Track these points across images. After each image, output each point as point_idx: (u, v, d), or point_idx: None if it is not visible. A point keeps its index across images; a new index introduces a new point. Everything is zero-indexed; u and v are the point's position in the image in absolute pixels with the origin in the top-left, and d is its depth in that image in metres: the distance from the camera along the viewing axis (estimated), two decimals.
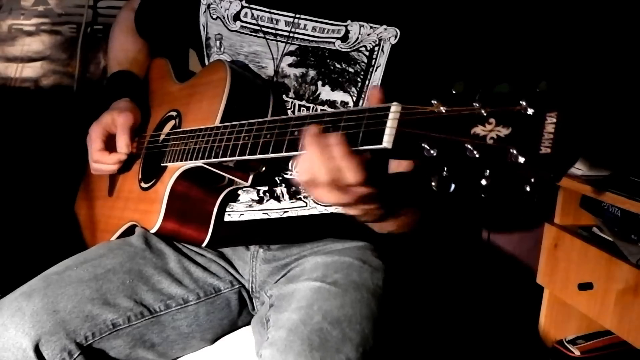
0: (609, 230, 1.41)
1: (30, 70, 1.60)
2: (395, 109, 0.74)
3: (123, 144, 1.19)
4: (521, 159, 0.62)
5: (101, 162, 1.21)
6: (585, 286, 1.35)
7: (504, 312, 1.68)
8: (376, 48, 1.07)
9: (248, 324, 1.17)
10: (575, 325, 1.56)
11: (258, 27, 1.13)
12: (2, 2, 1.55)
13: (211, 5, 1.19)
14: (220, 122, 1.02)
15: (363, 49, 1.07)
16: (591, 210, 1.44)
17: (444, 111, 0.69)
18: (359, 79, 1.08)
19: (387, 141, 0.74)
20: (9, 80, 1.59)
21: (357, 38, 1.07)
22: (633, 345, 1.27)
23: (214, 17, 1.19)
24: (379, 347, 0.96)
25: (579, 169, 1.31)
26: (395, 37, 1.06)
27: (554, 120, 0.62)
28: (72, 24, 1.61)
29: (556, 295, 1.51)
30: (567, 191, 1.48)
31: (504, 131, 0.64)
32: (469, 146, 0.66)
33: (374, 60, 1.07)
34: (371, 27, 1.07)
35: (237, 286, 1.16)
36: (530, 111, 0.63)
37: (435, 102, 0.70)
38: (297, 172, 0.87)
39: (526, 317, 1.60)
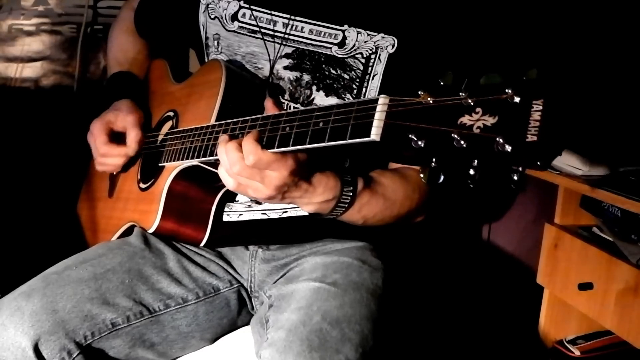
0: (609, 230, 1.40)
1: (30, 70, 1.60)
2: (383, 101, 0.75)
3: (134, 139, 1.18)
4: (508, 148, 0.62)
5: (108, 156, 1.20)
6: (585, 286, 1.35)
7: (504, 312, 1.68)
8: (373, 56, 1.07)
9: (247, 323, 1.17)
10: (575, 325, 1.56)
11: (255, 28, 1.13)
12: (2, 2, 1.55)
13: (210, 5, 1.19)
14: (216, 121, 1.02)
15: (359, 55, 1.07)
16: (591, 210, 1.44)
17: (431, 102, 0.69)
18: (354, 86, 1.08)
19: (375, 133, 0.74)
20: (9, 80, 1.59)
21: (354, 45, 1.07)
22: (633, 345, 1.27)
23: (212, 16, 1.19)
24: (379, 347, 0.96)
25: (578, 168, 1.31)
26: (393, 46, 1.06)
27: (540, 108, 0.61)
28: (72, 24, 1.61)
29: (556, 295, 1.51)
30: (567, 191, 1.48)
31: (490, 120, 0.64)
32: (456, 136, 0.66)
33: (370, 68, 1.07)
34: (368, 35, 1.07)
35: (236, 286, 1.16)
36: (516, 99, 0.63)
37: (423, 93, 0.70)
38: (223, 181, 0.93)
39: (526, 317, 1.60)
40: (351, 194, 0.97)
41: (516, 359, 1.61)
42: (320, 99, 1.11)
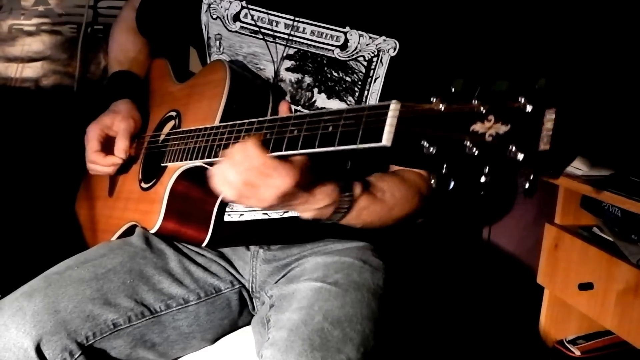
0: (609, 230, 1.41)
1: (30, 71, 1.60)
2: (394, 106, 0.75)
3: (121, 149, 1.19)
4: (520, 156, 0.62)
5: (97, 164, 1.21)
6: (585, 286, 1.36)
7: (504, 312, 1.68)
8: (375, 59, 1.07)
9: (248, 324, 1.17)
10: (575, 325, 1.56)
11: (257, 29, 1.13)
12: (3, 2, 1.55)
13: (211, 5, 1.19)
14: (220, 122, 1.02)
15: (361, 58, 1.07)
16: (591, 210, 1.44)
17: (443, 109, 0.69)
18: (356, 89, 1.08)
19: (386, 139, 0.74)
20: (10, 80, 1.59)
21: (356, 47, 1.07)
22: (633, 345, 1.27)
23: (214, 17, 1.19)
24: (380, 346, 0.96)
25: (579, 169, 1.31)
26: (395, 49, 1.06)
27: (553, 116, 0.62)
28: (73, 24, 1.61)
29: (556, 295, 1.51)
30: (567, 191, 1.48)
31: (503, 128, 0.64)
32: (468, 143, 0.66)
33: (372, 71, 1.07)
34: (370, 37, 1.07)
35: (238, 286, 1.16)
36: (529, 108, 0.63)
37: (435, 100, 0.70)
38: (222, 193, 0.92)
39: (526, 317, 1.61)
40: (348, 199, 0.97)
41: (516, 359, 1.61)
42: (322, 102, 1.11)
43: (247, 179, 0.87)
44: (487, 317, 1.68)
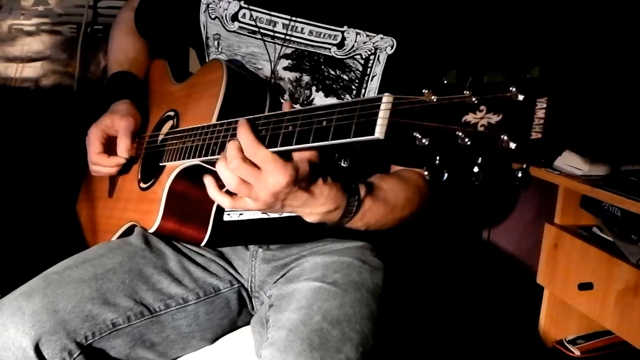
0: (609, 230, 1.41)
1: (30, 70, 1.60)
2: (387, 99, 0.75)
3: (124, 148, 1.19)
4: (512, 145, 0.62)
5: (99, 165, 1.21)
6: (585, 286, 1.36)
7: (504, 312, 1.68)
8: (372, 57, 1.07)
9: (248, 323, 1.17)
10: (575, 325, 1.57)
11: (255, 29, 1.14)
12: (2, 2, 1.55)
13: (210, 5, 1.19)
14: (217, 121, 1.02)
15: (358, 56, 1.07)
16: (591, 210, 1.44)
17: (435, 100, 0.69)
18: (353, 87, 1.08)
19: (379, 132, 0.74)
20: (9, 80, 1.59)
21: (353, 45, 1.07)
22: (633, 345, 1.27)
23: (213, 16, 1.19)
24: (379, 346, 0.96)
25: (578, 168, 1.31)
26: (392, 47, 1.06)
27: (544, 105, 0.62)
28: (72, 24, 1.61)
29: (556, 295, 1.51)
30: (567, 191, 1.48)
31: (494, 118, 0.64)
32: (461, 134, 0.66)
33: (369, 69, 1.07)
34: (367, 35, 1.07)
35: (237, 286, 1.16)
36: (520, 97, 0.63)
37: (427, 92, 0.70)
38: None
39: (526, 317, 1.61)
40: (356, 203, 0.97)
41: (516, 359, 1.61)
42: (320, 100, 1.11)
43: (240, 177, 0.88)
44: (487, 317, 1.68)
